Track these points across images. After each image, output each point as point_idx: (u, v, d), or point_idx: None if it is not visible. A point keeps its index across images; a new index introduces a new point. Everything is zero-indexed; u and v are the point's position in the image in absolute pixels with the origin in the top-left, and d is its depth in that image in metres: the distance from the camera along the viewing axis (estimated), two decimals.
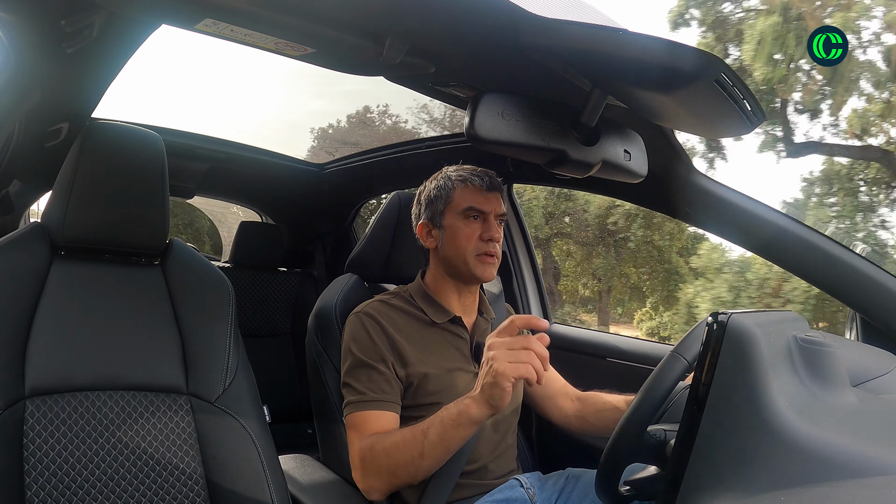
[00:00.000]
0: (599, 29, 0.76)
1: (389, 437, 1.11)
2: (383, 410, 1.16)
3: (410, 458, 1.07)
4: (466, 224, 1.26)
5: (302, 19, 0.78)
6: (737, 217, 1.30)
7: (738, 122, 0.85)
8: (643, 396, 0.87)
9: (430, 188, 1.31)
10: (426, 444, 1.05)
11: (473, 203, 1.26)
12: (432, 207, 1.30)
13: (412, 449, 1.06)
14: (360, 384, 1.18)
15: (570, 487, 1.26)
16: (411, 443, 1.07)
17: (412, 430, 1.09)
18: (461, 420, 1.02)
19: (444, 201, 1.28)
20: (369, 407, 1.16)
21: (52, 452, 0.95)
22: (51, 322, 1.02)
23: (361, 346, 1.21)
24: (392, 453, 1.09)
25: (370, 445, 1.12)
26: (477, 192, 1.26)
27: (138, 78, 2.34)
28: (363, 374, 1.19)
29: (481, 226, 1.26)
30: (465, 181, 1.27)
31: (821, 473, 0.61)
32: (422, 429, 1.07)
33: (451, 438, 1.04)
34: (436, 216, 1.29)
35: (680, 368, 0.88)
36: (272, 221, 2.97)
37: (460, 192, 1.27)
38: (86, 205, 1.06)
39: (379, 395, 1.17)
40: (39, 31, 0.97)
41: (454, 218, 1.27)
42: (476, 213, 1.26)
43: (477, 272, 1.26)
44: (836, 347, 0.75)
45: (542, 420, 1.48)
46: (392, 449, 1.09)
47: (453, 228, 1.27)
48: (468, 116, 0.82)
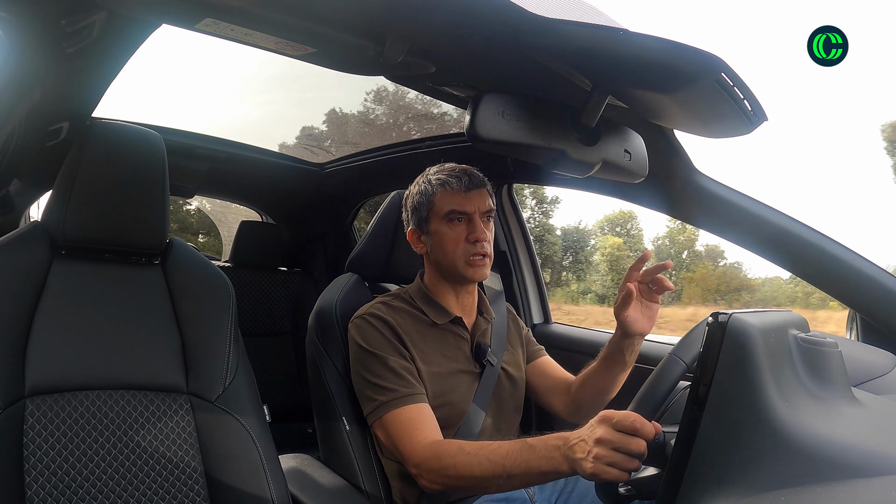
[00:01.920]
0: (600, 29, 0.76)
1: (463, 454, 1.06)
2: (420, 403, 1.16)
3: (486, 485, 1.05)
4: (451, 228, 1.25)
5: (302, 19, 0.78)
6: (737, 217, 1.30)
7: (739, 122, 0.85)
8: (641, 399, 0.87)
9: (414, 194, 1.31)
10: (505, 478, 1.01)
11: (454, 206, 1.24)
12: (417, 214, 1.29)
13: (489, 479, 1.03)
14: (387, 381, 1.17)
15: (569, 488, 1.26)
16: (490, 474, 1.02)
17: (491, 459, 1.02)
18: (550, 475, 0.98)
19: (427, 207, 1.27)
20: (406, 402, 1.15)
21: (52, 452, 0.95)
22: (51, 321, 1.02)
23: (376, 343, 1.21)
24: (464, 474, 1.05)
25: (436, 454, 1.08)
26: (456, 194, 1.25)
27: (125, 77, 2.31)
28: (385, 370, 1.18)
29: (466, 227, 1.25)
30: (443, 184, 1.26)
31: (821, 473, 0.61)
32: (503, 464, 1.00)
33: (532, 483, 1.03)
34: (422, 223, 1.29)
35: (678, 371, 0.87)
36: (272, 221, 2.97)
37: (440, 197, 1.26)
38: (86, 204, 1.06)
39: (411, 389, 1.17)
40: (40, 31, 0.97)
41: (438, 223, 1.26)
42: (459, 216, 1.25)
43: (468, 274, 1.26)
44: (836, 347, 0.75)
45: (543, 419, 1.49)
46: (465, 469, 1.04)
47: (439, 234, 1.26)
48: (468, 116, 0.82)
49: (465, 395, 1.25)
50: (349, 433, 1.26)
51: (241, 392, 1.12)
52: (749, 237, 1.34)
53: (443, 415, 1.20)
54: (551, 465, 0.95)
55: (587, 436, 0.90)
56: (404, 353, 1.21)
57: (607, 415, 0.89)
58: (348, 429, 1.27)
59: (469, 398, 1.26)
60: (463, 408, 1.24)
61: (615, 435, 0.86)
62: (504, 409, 1.32)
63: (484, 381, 1.29)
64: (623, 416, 0.87)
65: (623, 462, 0.85)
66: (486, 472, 1.01)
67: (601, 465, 0.86)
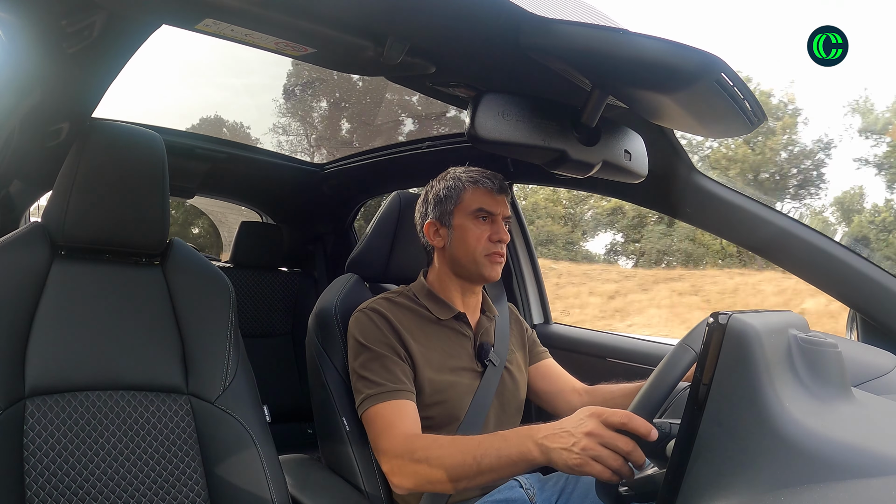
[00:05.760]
0: (600, 29, 0.76)
1: (435, 447, 1.07)
2: (405, 400, 1.16)
3: (456, 477, 1.04)
4: (476, 225, 1.28)
5: (302, 19, 0.78)
6: (737, 217, 1.30)
7: (739, 122, 0.85)
8: (651, 386, 0.86)
9: (440, 188, 1.32)
10: (476, 470, 1.01)
11: (484, 205, 1.28)
12: (441, 207, 1.31)
13: (460, 470, 1.03)
14: (377, 375, 1.17)
15: (570, 488, 1.25)
16: (460, 465, 1.02)
17: (462, 450, 1.03)
18: (520, 464, 0.98)
19: (455, 201, 1.29)
20: (391, 398, 1.15)
21: (52, 452, 0.95)
22: (51, 322, 1.02)
23: (372, 338, 1.21)
24: (435, 466, 1.05)
25: (409, 448, 1.09)
26: (487, 194, 1.28)
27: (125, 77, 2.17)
28: (377, 365, 1.18)
29: (490, 227, 1.28)
30: (476, 182, 1.29)
31: (821, 473, 0.61)
32: (474, 454, 1.01)
33: (503, 473, 1.02)
34: (444, 216, 1.30)
35: (688, 359, 0.87)
36: (272, 221, 2.97)
37: (471, 194, 1.29)
38: (86, 205, 1.06)
39: (398, 385, 1.17)
40: (40, 31, 0.97)
41: (464, 218, 1.28)
42: (486, 215, 1.28)
43: (485, 272, 1.28)
44: (837, 347, 0.75)
45: (543, 420, 1.48)
46: (436, 462, 1.05)
47: (463, 228, 1.28)
48: (469, 116, 0.82)
49: (464, 393, 1.25)
50: (349, 433, 1.26)
51: (241, 392, 1.12)
52: (749, 237, 1.34)
53: (441, 412, 1.20)
54: (521, 453, 0.96)
55: (573, 427, 0.90)
56: (399, 349, 1.21)
57: (598, 410, 0.89)
58: (348, 429, 1.27)
59: (468, 397, 1.26)
60: (462, 406, 1.24)
61: (605, 431, 0.87)
62: (507, 409, 1.33)
63: (486, 380, 1.29)
64: (612, 412, 0.88)
65: (608, 459, 0.85)
66: (456, 464, 1.02)
67: (586, 458, 0.87)
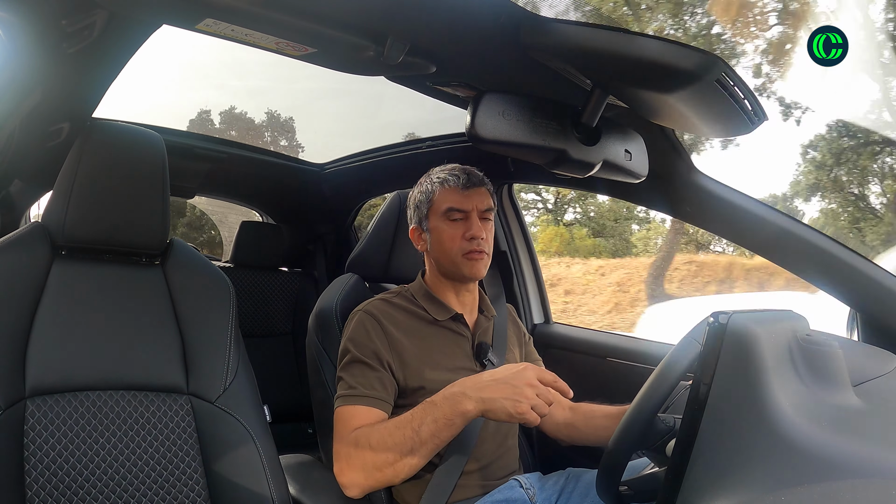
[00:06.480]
0: (600, 29, 0.76)
1: (376, 432, 1.08)
2: (372, 407, 1.15)
3: (399, 454, 1.05)
4: (449, 225, 1.27)
5: (303, 19, 0.78)
6: (737, 217, 1.30)
7: (740, 121, 0.85)
8: (657, 378, 0.85)
9: (416, 192, 1.34)
10: (417, 441, 1.04)
11: (452, 203, 1.27)
12: (419, 212, 1.32)
13: (402, 446, 1.05)
14: (353, 379, 1.18)
15: (570, 487, 1.26)
16: (401, 440, 1.05)
17: (399, 425, 1.06)
18: (456, 421, 1.02)
19: (427, 205, 1.30)
20: (358, 402, 1.15)
21: (53, 452, 0.95)
22: (51, 322, 1.02)
23: (358, 343, 1.21)
24: (379, 449, 1.06)
25: (355, 439, 1.10)
26: (454, 191, 1.28)
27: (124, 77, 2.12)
28: (356, 370, 1.19)
29: (464, 225, 1.27)
30: (442, 182, 1.29)
31: (821, 473, 0.61)
32: (412, 426, 1.04)
33: (443, 436, 1.04)
34: (422, 220, 1.31)
35: (694, 352, 0.87)
36: (272, 221, 2.97)
37: (440, 194, 1.29)
38: (86, 205, 1.06)
39: (369, 392, 1.16)
40: (40, 31, 0.97)
41: (437, 220, 1.29)
42: (457, 213, 1.27)
43: (465, 271, 1.27)
44: (837, 347, 0.75)
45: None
46: (379, 444, 1.06)
47: (438, 231, 1.29)
48: (469, 116, 0.82)
49: None
50: None
51: (241, 392, 1.12)
52: (749, 237, 1.34)
53: None
54: (456, 411, 1.02)
55: (511, 379, 1.00)
56: (383, 357, 1.20)
57: (532, 366, 1.04)
58: None
59: None
60: None
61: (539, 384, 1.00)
62: None
63: None
64: (543, 370, 1.03)
65: (541, 408, 0.98)
66: (397, 441, 1.05)
67: (526, 407, 0.97)
